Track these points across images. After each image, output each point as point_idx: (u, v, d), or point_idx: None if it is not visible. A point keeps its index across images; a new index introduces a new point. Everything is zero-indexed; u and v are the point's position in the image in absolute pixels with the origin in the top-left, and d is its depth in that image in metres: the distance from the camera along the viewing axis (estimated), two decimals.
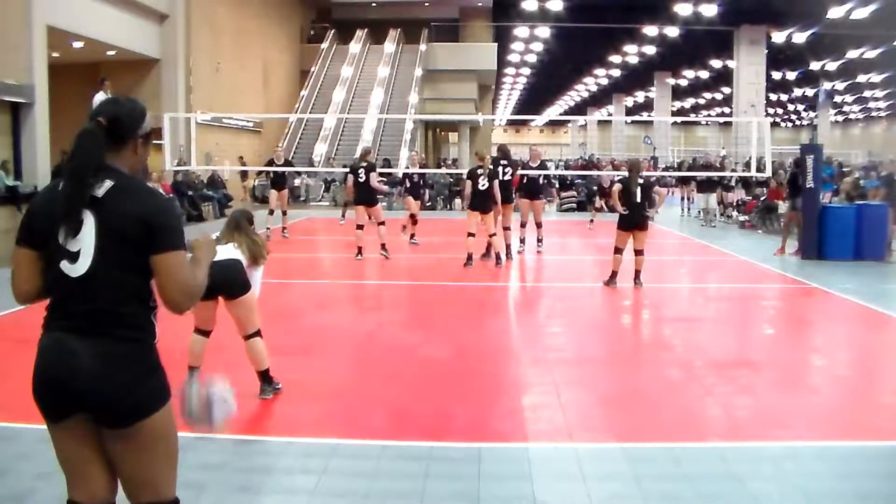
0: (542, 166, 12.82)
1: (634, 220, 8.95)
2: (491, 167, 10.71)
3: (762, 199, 16.55)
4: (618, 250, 9.06)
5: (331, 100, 27.93)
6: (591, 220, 16.20)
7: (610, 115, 54.90)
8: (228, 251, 4.79)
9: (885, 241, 11.38)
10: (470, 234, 10.48)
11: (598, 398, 5.13)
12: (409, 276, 10.65)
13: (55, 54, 17.02)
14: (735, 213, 17.88)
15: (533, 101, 55.20)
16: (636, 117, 58.58)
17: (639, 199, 8.91)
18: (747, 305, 8.77)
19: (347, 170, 12.09)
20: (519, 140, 69.53)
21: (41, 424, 4.43)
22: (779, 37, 28.67)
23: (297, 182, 24.26)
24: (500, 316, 7.98)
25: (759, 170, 14.74)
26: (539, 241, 12.14)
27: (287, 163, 15.34)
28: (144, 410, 2.24)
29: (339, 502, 3.52)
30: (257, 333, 4.87)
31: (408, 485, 3.66)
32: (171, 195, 17.01)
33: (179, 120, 17.72)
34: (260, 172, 22.86)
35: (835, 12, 23.27)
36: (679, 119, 58.15)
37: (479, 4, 32.76)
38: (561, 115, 65.04)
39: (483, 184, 10.40)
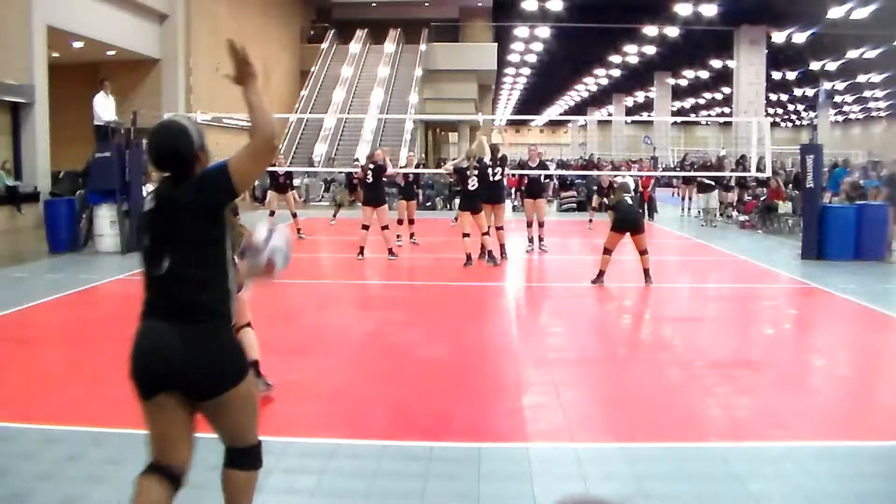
0: (542, 166, 12.86)
1: (629, 221, 9.04)
2: (478, 166, 10.59)
3: (762, 199, 16.55)
4: (607, 251, 9.12)
5: (331, 100, 27.93)
6: (590, 220, 16.20)
7: (610, 115, 54.87)
8: None
9: (885, 241, 11.37)
10: (465, 235, 10.52)
11: (598, 398, 5.13)
12: (409, 276, 10.65)
13: (55, 54, 17.03)
14: (735, 213, 17.87)
15: (533, 101, 55.17)
16: (636, 117, 58.59)
17: (630, 202, 9.11)
18: (747, 305, 8.77)
19: (358, 170, 12.10)
20: (519, 140, 69.55)
21: (41, 424, 4.46)
22: (779, 37, 28.64)
23: (296, 182, 24.25)
24: (500, 316, 7.98)
25: (759, 170, 14.74)
26: (540, 239, 12.20)
27: (287, 172, 15.37)
28: (229, 383, 2.62)
29: (339, 502, 3.52)
30: (247, 325, 4.84)
31: (408, 485, 3.66)
32: None
33: None
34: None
35: (835, 12, 23.24)
36: (679, 119, 58.14)
37: (479, 4, 32.77)
38: (561, 115, 64.99)
39: (473, 184, 10.47)
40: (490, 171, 10.70)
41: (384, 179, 11.66)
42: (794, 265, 11.01)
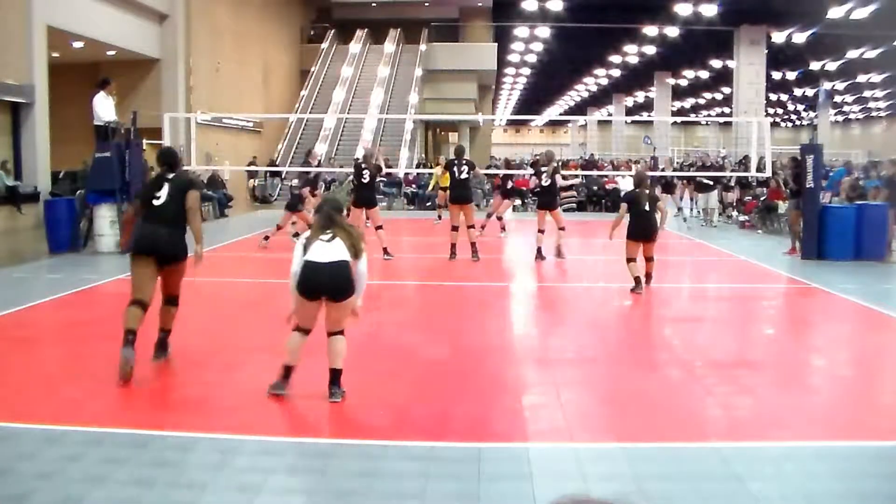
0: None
1: (645, 230, 8.70)
2: (545, 167, 11.29)
3: (762, 199, 16.55)
4: (630, 259, 8.75)
5: (331, 100, 27.93)
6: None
7: (610, 115, 54.84)
8: (337, 251, 4.76)
9: (885, 241, 11.37)
10: (540, 231, 11.27)
11: (598, 398, 5.13)
12: (410, 276, 10.65)
13: (55, 54, 17.02)
14: (735, 213, 17.87)
15: (533, 101, 55.16)
16: (636, 117, 58.53)
17: (647, 208, 8.71)
18: (747, 305, 8.77)
19: (352, 170, 12.07)
20: (519, 140, 69.55)
21: (41, 424, 4.46)
22: (779, 37, 28.61)
23: (295, 182, 24.25)
24: (500, 316, 7.97)
25: (759, 170, 14.74)
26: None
27: (319, 165, 15.94)
28: (181, 256, 5.53)
29: (338, 502, 3.52)
30: (342, 332, 4.89)
31: (408, 485, 3.66)
32: None
33: (179, 120, 17.71)
34: (255, 174, 23.30)
35: (835, 12, 23.23)
36: (679, 119, 58.10)
37: (479, 4, 32.74)
38: (561, 115, 64.99)
39: (546, 181, 11.19)
40: (457, 170, 11.35)
41: (381, 180, 11.74)
42: (794, 265, 11.01)
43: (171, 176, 5.63)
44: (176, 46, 20.61)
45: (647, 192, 8.86)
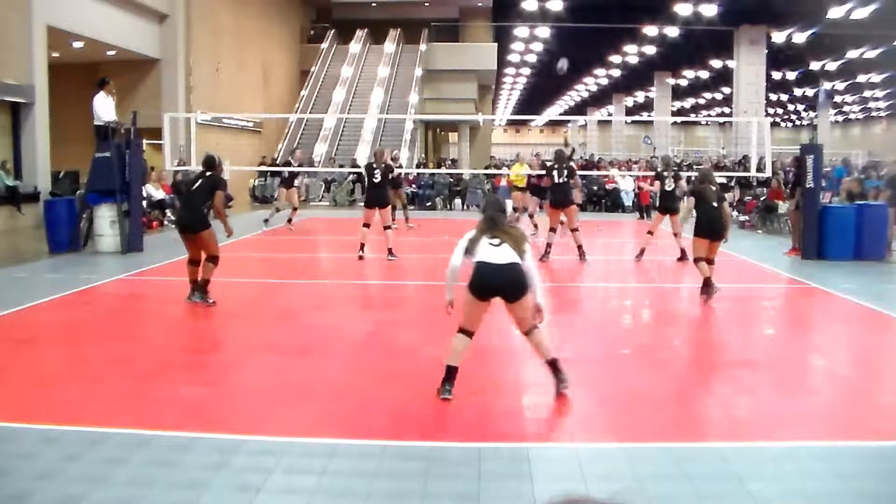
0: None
1: (715, 227, 8.25)
2: (666, 171, 11.51)
3: (762, 199, 16.55)
4: (699, 259, 8.29)
5: (331, 100, 27.94)
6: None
7: (610, 115, 54.85)
8: (508, 253, 4.81)
9: (885, 241, 11.37)
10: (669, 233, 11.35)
11: (598, 398, 5.13)
12: (410, 276, 10.64)
13: (55, 54, 17.03)
14: (735, 213, 17.86)
15: (533, 101, 55.16)
16: (636, 117, 58.51)
17: (715, 204, 8.26)
18: (747, 305, 8.77)
19: (361, 170, 12.23)
20: (519, 140, 69.53)
21: (41, 424, 4.46)
22: (779, 37, 28.63)
23: (296, 182, 24.29)
24: (500, 316, 7.96)
25: (759, 170, 14.74)
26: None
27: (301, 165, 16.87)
28: (199, 229, 7.65)
29: (339, 502, 3.52)
30: (536, 327, 4.93)
31: (408, 485, 3.66)
32: (172, 196, 17.02)
33: (179, 120, 17.71)
34: (260, 174, 23.36)
35: (835, 12, 23.25)
36: (679, 119, 58.10)
37: (479, 4, 32.76)
38: (561, 115, 64.99)
39: (669, 185, 11.29)
40: (556, 174, 11.30)
41: (390, 180, 11.82)
42: (795, 265, 11.01)
43: (207, 174, 7.92)
44: (176, 46, 20.62)
45: (714, 187, 8.44)
